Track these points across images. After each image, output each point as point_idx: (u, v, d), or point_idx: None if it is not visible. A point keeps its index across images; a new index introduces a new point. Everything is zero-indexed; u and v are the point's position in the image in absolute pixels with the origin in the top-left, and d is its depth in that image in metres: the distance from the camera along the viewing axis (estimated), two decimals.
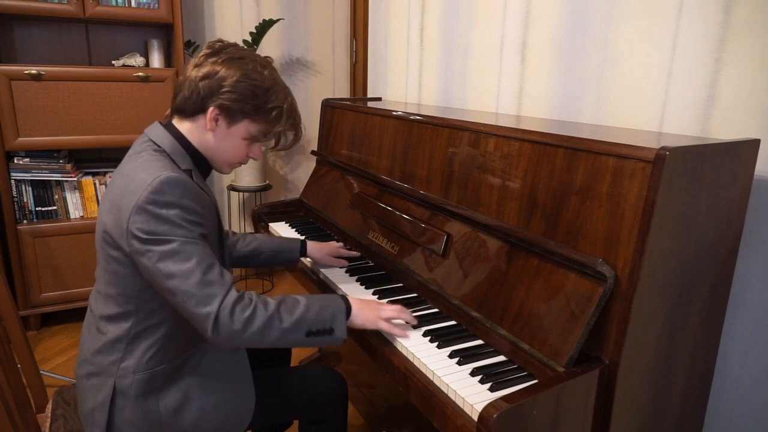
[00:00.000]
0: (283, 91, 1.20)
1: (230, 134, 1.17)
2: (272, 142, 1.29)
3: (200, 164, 1.20)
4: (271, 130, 1.20)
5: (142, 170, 1.07)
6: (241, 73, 1.13)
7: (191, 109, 1.16)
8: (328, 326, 1.11)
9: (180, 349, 1.16)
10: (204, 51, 1.18)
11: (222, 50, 1.16)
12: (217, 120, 1.15)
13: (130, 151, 1.17)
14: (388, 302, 1.30)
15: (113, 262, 1.09)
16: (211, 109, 1.14)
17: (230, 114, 1.15)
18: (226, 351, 1.22)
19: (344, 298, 1.18)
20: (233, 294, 1.04)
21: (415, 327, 1.24)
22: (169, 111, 1.22)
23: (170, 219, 1.02)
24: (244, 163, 1.27)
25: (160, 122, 1.20)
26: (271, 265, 1.61)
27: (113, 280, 1.10)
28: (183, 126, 1.18)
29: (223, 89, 1.12)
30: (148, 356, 1.12)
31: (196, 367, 1.18)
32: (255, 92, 1.14)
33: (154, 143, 1.15)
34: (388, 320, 1.20)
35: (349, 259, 1.62)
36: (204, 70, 1.14)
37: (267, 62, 1.21)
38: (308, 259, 1.61)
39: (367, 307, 1.19)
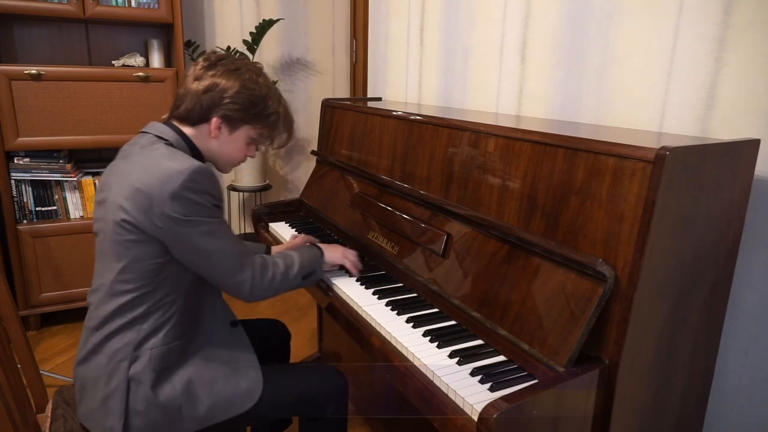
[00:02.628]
0: (277, 96, 1.32)
1: (233, 139, 1.29)
2: (268, 142, 1.39)
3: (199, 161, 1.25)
4: (270, 132, 1.33)
5: (168, 160, 1.15)
6: (240, 84, 1.24)
7: (195, 118, 1.26)
8: (313, 269, 1.41)
9: (190, 324, 1.24)
10: (201, 63, 1.26)
11: (218, 62, 1.26)
12: (219, 128, 1.26)
13: (136, 146, 1.22)
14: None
15: (133, 247, 1.14)
16: (214, 119, 1.25)
17: (232, 122, 1.26)
18: (224, 325, 1.34)
19: (317, 246, 1.47)
20: (258, 260, 1.26)
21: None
22: (167, 116, 1.30)
23: (204, 204, 1.15)
24: (243, 162, 1.39)
25: (159, 122, 1.27)
26: None
27: (132, 265, 1.15)
28: (186, 130, 1.27)
29: (225, 101, 1.23)
30: (165, 331, 1.19)
31: (204, 344, 1.27)
32: (254, 101, 1.26)
33: (162, 138, 1.22)
34: (348, 259, 1.50)
35: None
36: (205, 83, 1.23)
37: (259, 70, 1.32)
38: None
39: (334, 250, 1.50)
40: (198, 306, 1.27)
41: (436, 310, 1.32)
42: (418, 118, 1.59)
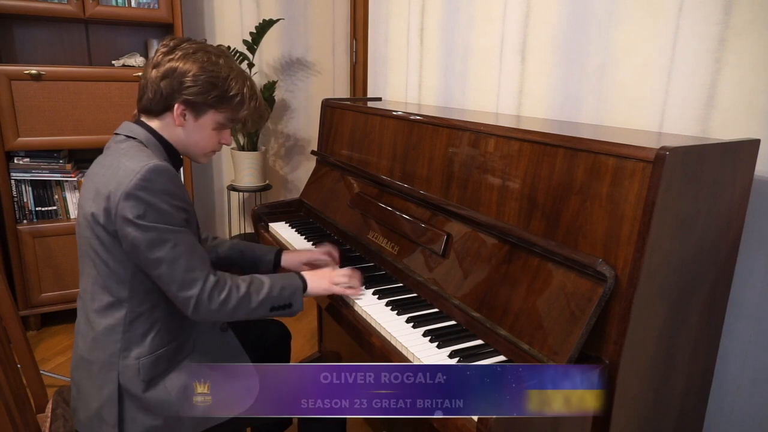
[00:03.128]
0: (241, 76, 1.23)
1: (199, 126, 1.22)
2: (240, 125, 1.33)
3: (172, 157, 1.24)
4: (237, 115, 1.25)
5: (127, 159, 1.11)
6: (198, 67, 1.17)
7: (157, 108, 1.20)
8: (287, 302, 1.25)
9: (177, 328, 1.21)
10: (160, 50, 1.20)
11: (176, 47, 1.19)
12: (184, 115, 1.20)
13: (105, 149, 1.21)
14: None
15: (102, 251, 1.12)
16: (176, 106, 1.18)
17: (195, 107, 1.19)
18: (213, 330, 1.30)
19: (300, 275, 1.31)
20: (212, 279, 1.14)
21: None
22: (135, 112, 1.26)
23: (158, 206, 1.08)
24: (218, 151, 1.32)
25: (129, 120, 1.24)
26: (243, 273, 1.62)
27: (103, 270, 1.13)
28: (153, 123, 1.23)
29: (185, 85, 1.16)
30: (150, 338, 1.15)
31: (194, 348, 1.25)
32: (214, 83, 1.18)
33: (130, 137, 1.19)
34: (339, 284, 1.34)
35: (349, 259, 1.62)
36: (162, 69, 1.17)
37: (221, 51, 1.24)
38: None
39: (319, 278, 1.33)
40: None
41: (436, 310, 1.32)
42: (418, 118, 1.59)
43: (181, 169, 1.27)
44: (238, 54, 3.00)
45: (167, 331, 1.19)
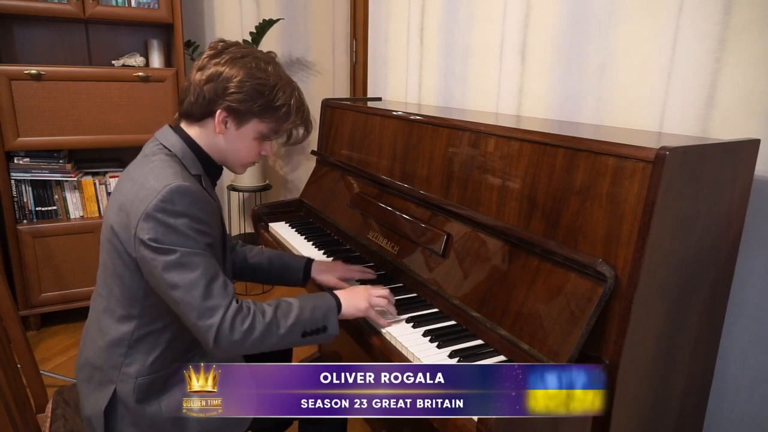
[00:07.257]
0: (289, 86, 1.18)
1: (240, 135, 1.16)
2: (284, 138, 1.27)
3: (209, 169, 1.19)
4: (281, 127, 1.19)
5: (153, 176, 1.06)
6: (245, 73, 1.11)
7: (199, 113, 1.14)
8: (321, 325, 1.15)
9: (182, 351, 1.17)
10: (207, 52, 1.16)
11: (224, 50, 1.14)
12: (226, 122, 1.14)
13: (141, 154, 1.17)
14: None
15: (119, 265, 1.09)
16: (218, 112, 1.13)
17: (238, 115, 1.14)
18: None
19: (333, 294, 1.20)
20: (234, 306, 1.05)
21: (399, 315, 1.27)
22: (177, 115, 1.21)
23: (178, 228, 1.03)
24: (258, 162, 1.24)
25: (170, 126, 1.19)
26: (270, 284, 1.53)
27: (117, 283, 1.10)
28: (192, 130, 1.17)
29: (229, 90, 1.11)
30: (151, 360, 1.12)
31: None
32: (261, 91, 1.12)
33: (165, 147, 1.15)
34: (375, 308, 1.24)
35: (349, 259, 1.62)
36: (207, 72, 1.12)
37: (270, 58, 1.19)
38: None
39: (356, 298, 1.22)
40: (193, 338, 1.14)
41: (436, 310, 1.32)
42: (418, 118, 1.59)
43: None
44: None
45: (171, 354, 1.15)
